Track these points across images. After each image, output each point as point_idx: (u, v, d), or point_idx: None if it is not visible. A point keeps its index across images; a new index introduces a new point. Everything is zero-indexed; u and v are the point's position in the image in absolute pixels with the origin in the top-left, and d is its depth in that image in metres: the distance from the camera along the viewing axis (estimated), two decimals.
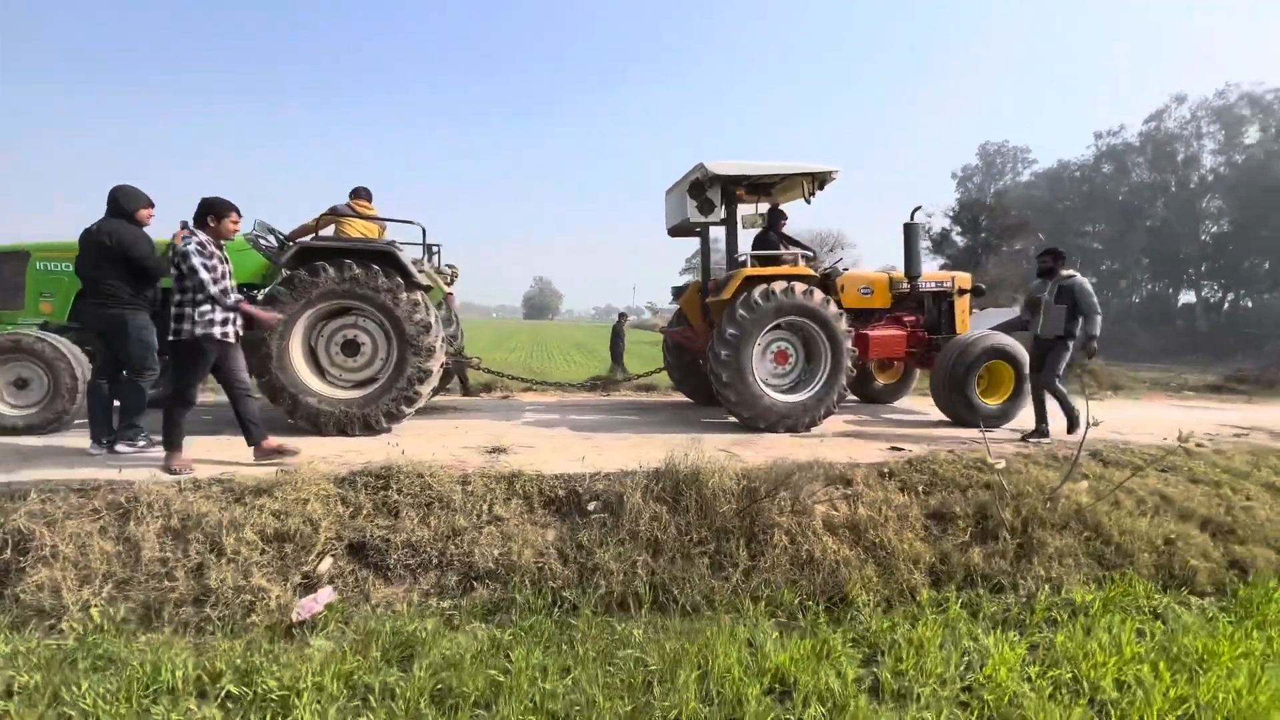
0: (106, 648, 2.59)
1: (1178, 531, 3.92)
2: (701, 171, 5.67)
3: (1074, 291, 5.26)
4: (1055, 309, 5.31)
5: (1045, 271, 5.51)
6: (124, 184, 4.30)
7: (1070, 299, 5.25)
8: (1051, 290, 5.38)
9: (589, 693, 2.43)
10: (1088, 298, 5.23)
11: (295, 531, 3.27)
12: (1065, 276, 5.37)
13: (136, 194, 4.29)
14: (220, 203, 3.95)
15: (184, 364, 3.90)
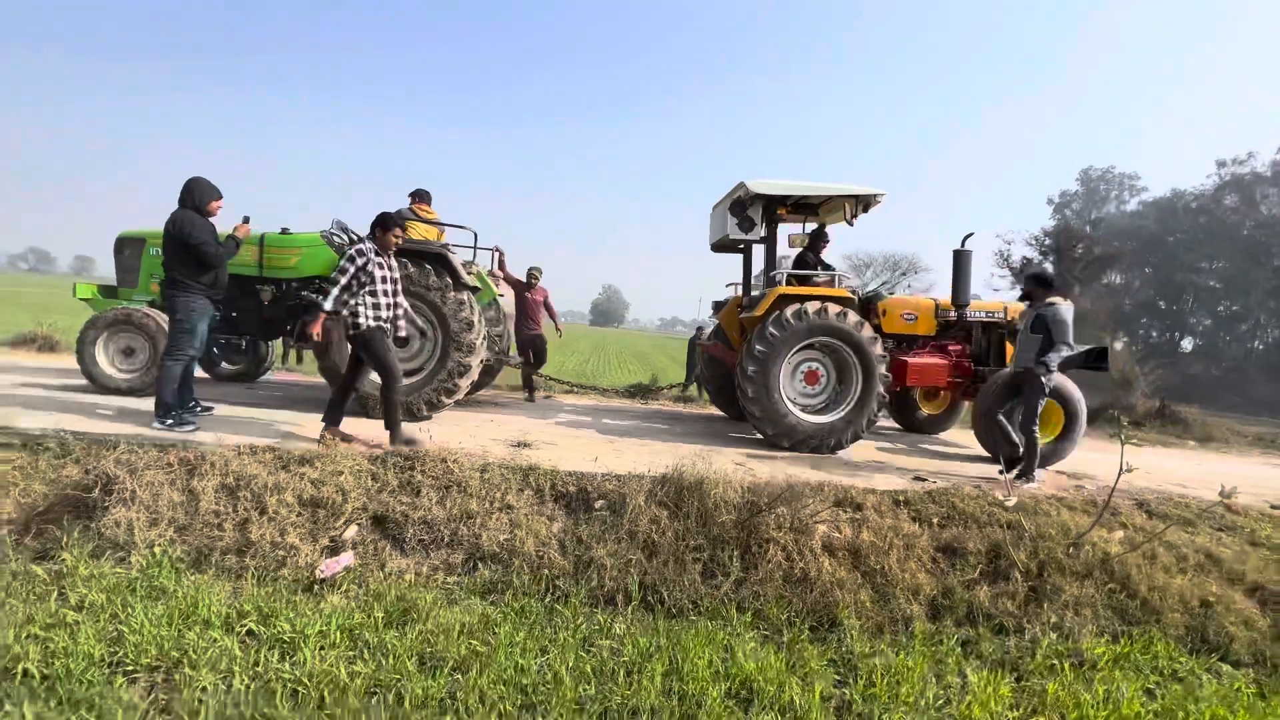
0: (160, 581, 3.01)
1: (1219, 594, 3.62)
2: (743, 190, 5.77)
3: (1048, 320, 4.80)
4: (1030, 339, 4.91)
5: (1027, 296, 5.11)
6: (197, 176, 4.68)
7: (1044, 328, 4.82)
8: (1029, 318, 4.98)
9: (558, 671, 2.59)
10: (1061, 328, 4.75)
11: (328, 499, 3.65)
12: (1046, 304, 4.92)
13: (206, 186, 4.65)
14: (386, 217, 4.43)
15: (372, 351, 4.36)
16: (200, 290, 4.60)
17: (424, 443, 4.26)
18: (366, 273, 4.26)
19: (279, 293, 5.90)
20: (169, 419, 4.42)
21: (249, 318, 5.92)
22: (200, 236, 4.49)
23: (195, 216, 4.56)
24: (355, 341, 4.40)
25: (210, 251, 4.55)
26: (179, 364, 4.54)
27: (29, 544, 3.28)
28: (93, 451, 3.89)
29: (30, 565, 3.05)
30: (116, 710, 2.14)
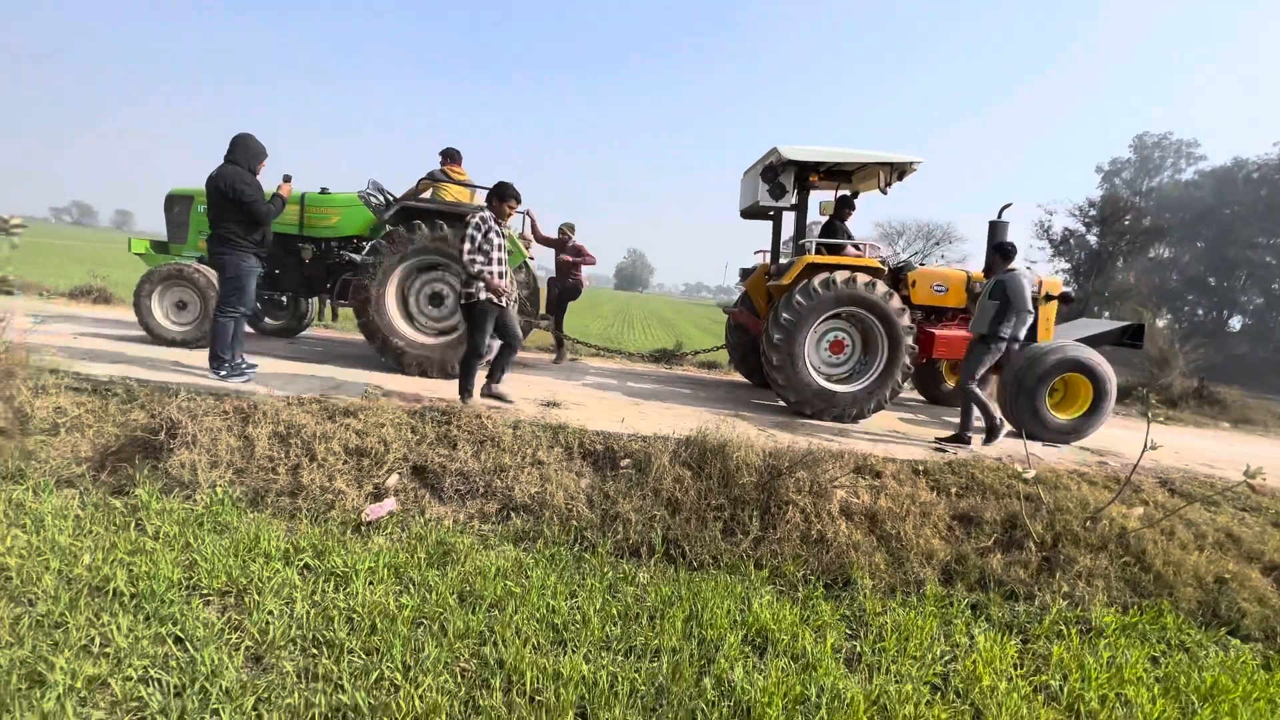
0: (225, 517, 3.28)
1: (1234, 571, 3.67)
2: (775, 156, 5.71)
3: (1005, 287, 4.87)
4: (987, 305, 5.00)
5: (989, 267, 5.24)
6: (245, 133, 4.70)
7: (1001, 295, 4.89)
8: (989, 285, 5.07)
9: (586, 613, 2.80)
10: (1019, 295, 4.83)
11: (371, 449, 3.88)
12: (1005, 271, 5.02)
13: (255, 145, 4.67)
14: (503, 187, 4.55)
15: (474, 322, 4.56)
16: (249, 248, 4.67)
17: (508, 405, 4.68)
18: (489, 240, 4.35)
19: (319, 251, 6.10)
20: (223, 370, 4.67)
21: (290, 275, 6.15)
22: (251, 194, 4.52)
23: (244, 173, 4.57)
24: (464, 309, 4.57)
25: (262, 209, 4.58)
26: (230, 320, 4.71)
27: (105, 479, 3.58)
28: (156, 398, 4.18)
29: (109, 498, 3.36)
30: (197, 626, 2.40)
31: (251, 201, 4.54)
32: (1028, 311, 4.93)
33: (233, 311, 4.72)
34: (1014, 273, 5.03)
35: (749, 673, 2.52)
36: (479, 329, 4.53)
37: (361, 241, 6.17)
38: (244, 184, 4.53)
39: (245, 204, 4.52)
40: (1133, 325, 6.47)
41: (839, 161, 5.78)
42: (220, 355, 4.68)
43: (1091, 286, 23.50)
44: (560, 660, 2.45)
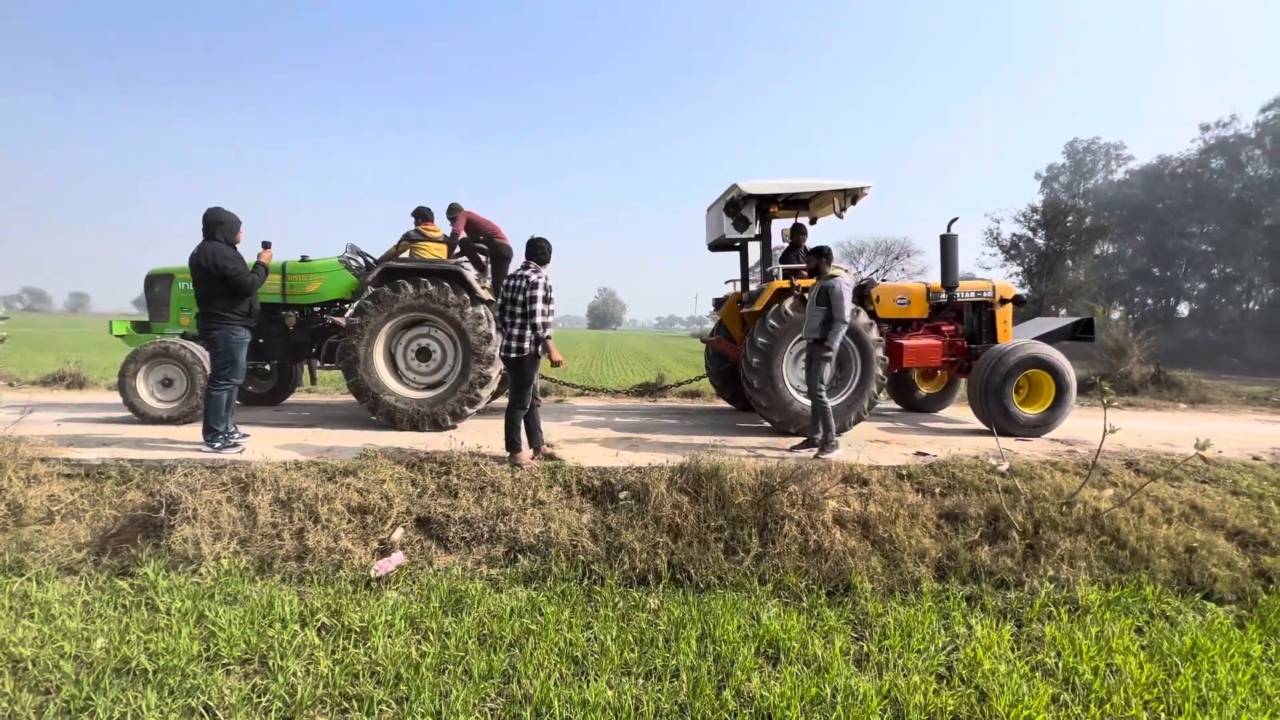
0: (234, 588, 3.31)
1: (1202, 540, 3.92)
2: (736, 191, 6.07)
3: (828, 294, 4.93)
4: (816, 311, 5.03)
5: (813, 271, 5.23)
6: (215, 207, 4.75)
7: (827, 301, 4.94)
8: (815, 291, 5.09)
9: (603, 642, 2.89)
10: (839, 303, 4.88)
11: (374, 506, 3.95)
12: (829, 277, 5.05)
13: (227, 216, 4.73)
14: (538, 246, 4.55)
15: (524, 376, 4.52)
16: (238, 320, 4.74)
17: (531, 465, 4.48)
18: (550, 293, 4.49)
19: (302, 317, 6.20)
20: (217, 441, 4.70)
21: (275, 343, 6.21)
22: (234, 268, 4.61)
23: (223, 247, 4.64)
24: (510, 364, 4.55)
25: (246, 281, 4.66)
26: (224, 392, 4.75)
27: (107, 563, 3.57)
28: (152, 476, 4.19)
29: (115, 580, 3.35)
30: (224, 694, 2.44)
31: (235, 275, 4.62)
32: (844, 321, 4.92)
33: (225, 384, 4.77)
34: (836, 279, 5.01)
35: (765, 681, 2.64)
36: (526, 382, 4.52)
37: (344, 304, 6.29)
38: (225, 258, 4.61)
39: (229, 278, 4.60)
40: (1083, 320, 6.91)
41: (795, 191, 6.16)
42: (214, 428, 4.72)
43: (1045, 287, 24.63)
44: (585, 689, 2.54)
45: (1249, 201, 43.49)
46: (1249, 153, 44.99)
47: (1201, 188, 46.43)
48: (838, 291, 4.91)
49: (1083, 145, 56.07)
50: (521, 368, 4.53)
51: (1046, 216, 26.38)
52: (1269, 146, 43.68)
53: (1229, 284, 46.16)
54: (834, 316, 4.91)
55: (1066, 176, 56.15)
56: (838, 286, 4.93)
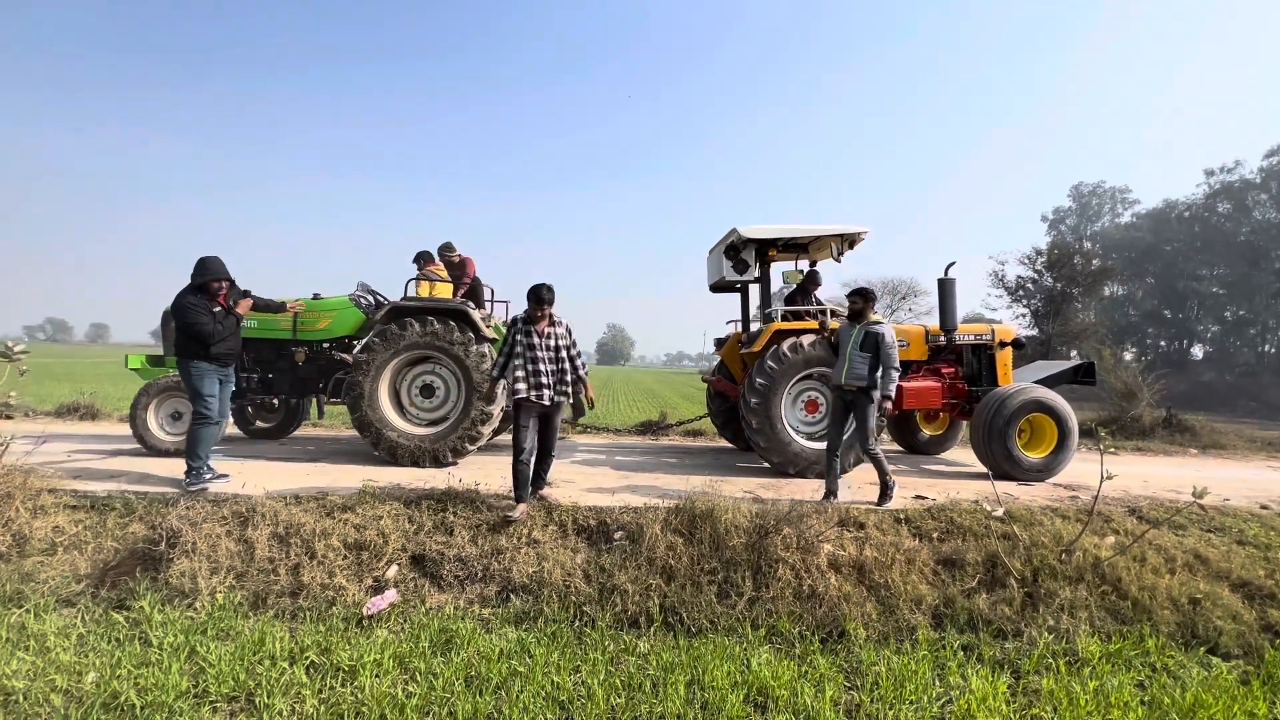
0: (228, 623, 3.33)
1: (1206, 591, 3.84)
2: (735, 235, 6.23)
3: (878, 341, 4.74)
4: (859, 356, 4.80)
5: (854, 314, 4.98)
6: (206, 256, 4.83)
7: (874, 347, 4.76)
8: (857, 335, 4.86)
9: (590, 686, 2.87)
10: (889, 350, 4.72)
11: (370, 542, 3.98)
12: (873, 322, 4.85)
13: (212, 266, 4.79)
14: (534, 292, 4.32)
15: (513, 422, 4.42)
16: (203, 358, 4.77)
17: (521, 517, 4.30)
18: (516, 341, 4.37)
19: (311, 353, 6.35)
20: (189, 476, 4.75)
21: (283, 378, 6.36)
22: (192, 317, 4.66)
23: (192, 299, 4.72)
24: (551, 410, 4.51)
25: (206, 331, 4.68)
26: (199, 429, 4.79)
27: (105, 595, 3.61)
28: (155, 509, 4.26)
29: (111, 613, 3.39)
30: None
31: (194, 324, 4.66)
32: (896, 369, 4.79)
33: (201, 421, 4.79)
34: (884, 325, 4.83)
35: None
36: (516, 427, 4.40)
37: (353, 341, 6.45)
38: (188, 309, 4.67)
39: (189, 327, 4.68)
40: (1084, 364, 6.91)
41: (793, 236, 6.31)
42: (189, 464, 4.77)
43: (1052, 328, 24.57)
44: None
45: (1258, 245, 43.52)
46: (1255, 197, 45.30)
47: (1209, 231, 46.62)
48: (889, 340, 4.75)
49: (1088, 188, 56.76)
50: (515, 415, 4.42)
51: (1052, 258, 26.49)
52: (1275, 191, 43.97)
53: (1243, 326, 45.79)
54: (887, 365, 4.75)
55: (1073, 219, 56.67)
56: (889, 335, 4.77)
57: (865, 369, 4.80)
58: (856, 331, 4.88)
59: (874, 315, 4.96)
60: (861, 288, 5.02)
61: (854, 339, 4.87)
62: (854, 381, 4.84)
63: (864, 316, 4.93)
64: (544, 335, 4.38)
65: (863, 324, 4.89)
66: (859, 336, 4.85)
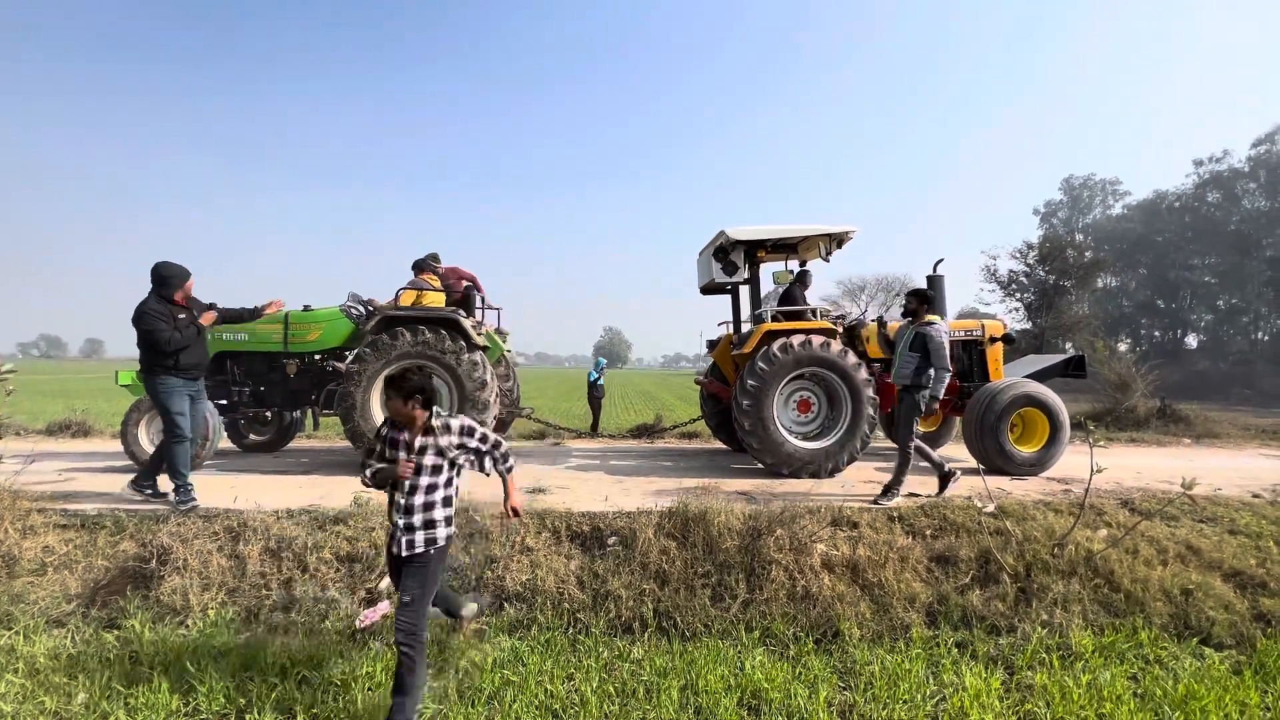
0: (219, 640, 3.31)
1: (1198, 582, 3.85)
2: (724, 238, 6.25)
3: (927, 341, 4.78)
4: (908, 356, 4.88)
5: (909, 314, 5.06)
6: (160, 262, 4.59)
7: (922, 347, 4.81)
8: (908, 335, 4.93)
9: (584, 693, 2.87)
10: (939, 351, 4.74)
11: (363, 554, 3.97)
12: (925, 323, 4.87)
13: (168, 270, 4.57)
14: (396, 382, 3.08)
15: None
16: (168, 372, 4.57)
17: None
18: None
19: (303, 365, 6.34)
20: (178, 495, 4.60)
21: (275, 390, 6.34)
22: (150, 324, 4.45)
23: (154, 304, 4.52)
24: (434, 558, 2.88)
25: (164, 338, 4.45)
26: (173, 446, 4.59)
27: (96, 614, 3.59)
28: (145, 526, 4.24)
29: (101, 633, 3.37)
30: None
31: (153, 331, 4.45)
32: (947, 369, 4.79)
33: (174, 440, 4.60)
34: (936, 326, 4.85)
35: None
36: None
37: (345, 352, 6.44)
38: (147, 315, 4.47)
39: (148, 333, 4.47)
40: (1074, 357, 6.94)
41: (782, 237, 6.32)
42: (173, 481, 4.64)
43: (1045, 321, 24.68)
44: None
45: (1247, 233, 43.84)
46: (1244, 186, 45.65)
47: (1200, 221, 46.93)
48: (939, 341, 4.77)
49: (1079, 181, 57.10)
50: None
51: (1044, 251, 26.62)
52: (1263, 180, 44.28)
53: (1235, 315, 46.06)
54: (936, 365, 4.77)
55: (1065, 212, 57.02)
56: (938, 336, 4.78)
57: (910, 369, 4.88)
58: (909, 331, 4.97)
59: (928, 315, 4.99)
60: (918, 288, 5.10)
61: (905, 339, 4.98)
62: (902, 380, 4.95)
63: (918, 316, 4.99)
64: (415, 447, 2.71)
65: (915, 324, 4.97)
66: (910, 336, 4.94)
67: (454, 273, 6.90)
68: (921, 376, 4.84)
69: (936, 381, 4.81)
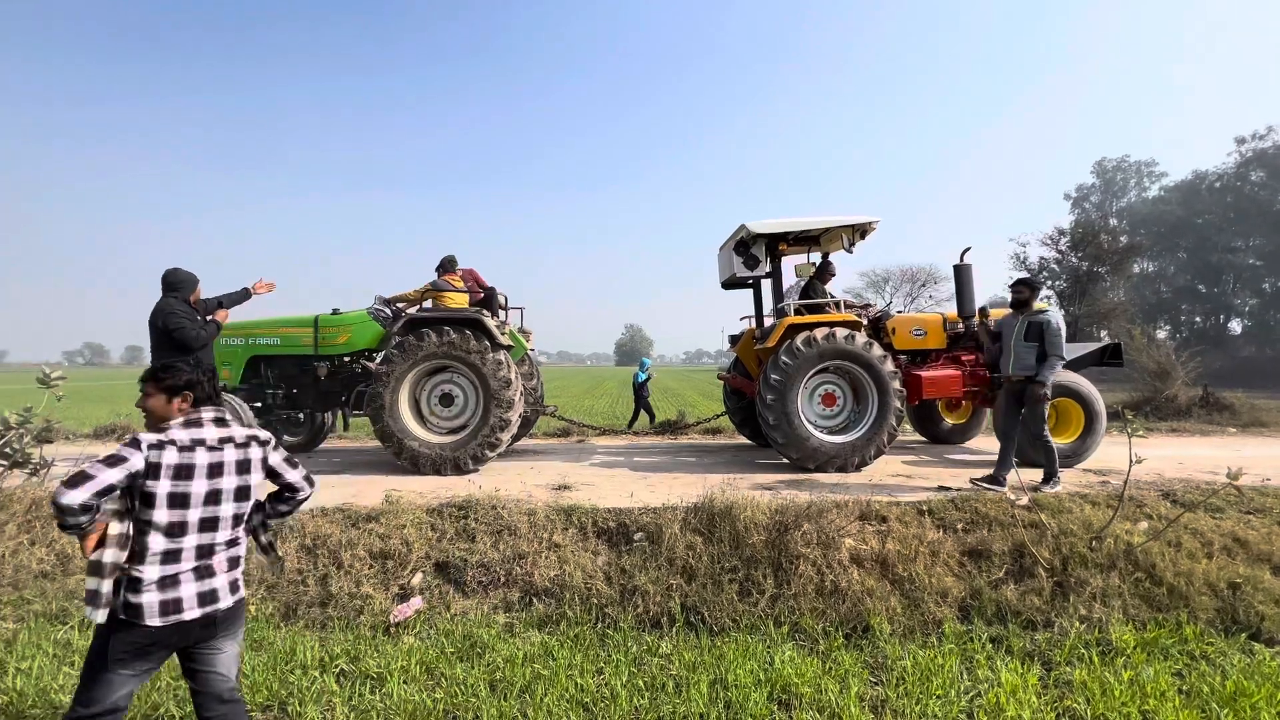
0: (261, 634, 3.42)
1: (1246, 575, 3.72)
2: (745, 231, 6.20)
3: (1043, 330, 4.79)
4: (1024, 347, 4.86)
5: (1019, 304, 5.03)
6: (172, 268, 4.79)
7: (1039, 336, 4.80)
8: (1021, 326, 4.91)
9: (614, 687, 2.89)
10: (1056, 339, 4.75)
11: (395, 551, 4.05)
12: (1037, 312, 4.89)
13: (182, 275, 4.77)
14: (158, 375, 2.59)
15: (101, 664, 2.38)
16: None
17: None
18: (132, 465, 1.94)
19: (333, 367, 6.49)
20: None
21: (307, 393, 6.50)
22: (178, 322, 4.62)
23: (174, 303, 4.69)
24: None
25: (191, 334, 4.64)
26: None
27: None
28: None
29: None
30: None
31: (177, 328, 4.61)
32: (1061, 358, 4.80)
33: None
34: (1048, 314, 4.86)
35: None
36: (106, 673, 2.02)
37: (373, 354, 6.58)
38: (172, 314, 4.64)
39: (173, 332, 4.61)
40: (1111, 345, 6.73)
41: (803, 229, 6.26)
42: None
43: (1079, 309, 23.95)
44: None
45: None
46: None
47: (1243, 201, 44.94)
48: (1055, 328, 4.79)
49: (1112, 164, 55.22)
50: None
51: (1076, 237, 25.80)
52: None
53: None
54: (1050, 352, 4.78)
55: (1097, 196, 55.19)
56: (1055, 323, 4.82)
57: (1032, 359, 4.84)
58: (1020, 322, 4.93)
59: (1038, 304, 4.96)
60: (1026, 278, 5.08)
61: (1018, 329, 4.93)
62: (1022, 371, 4.90)
63: (1028, 306, 4.97)
64: (197, 461, 1.98)
65: (1026, 314, 4.93)
66: (1023, 327, 4.90)
67: (470, 275, 6.97)
68: (1044, 366, 4.79)
69: (1048, 368, 4.78)
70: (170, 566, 1.94)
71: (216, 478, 2.01)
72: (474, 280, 6.93)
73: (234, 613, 2.12)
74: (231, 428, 2.12)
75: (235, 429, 2.13)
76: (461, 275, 6.85)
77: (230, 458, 2.06)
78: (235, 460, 2.07)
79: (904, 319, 6.62)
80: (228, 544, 2.11)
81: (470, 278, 6.94)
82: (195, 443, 2.00)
